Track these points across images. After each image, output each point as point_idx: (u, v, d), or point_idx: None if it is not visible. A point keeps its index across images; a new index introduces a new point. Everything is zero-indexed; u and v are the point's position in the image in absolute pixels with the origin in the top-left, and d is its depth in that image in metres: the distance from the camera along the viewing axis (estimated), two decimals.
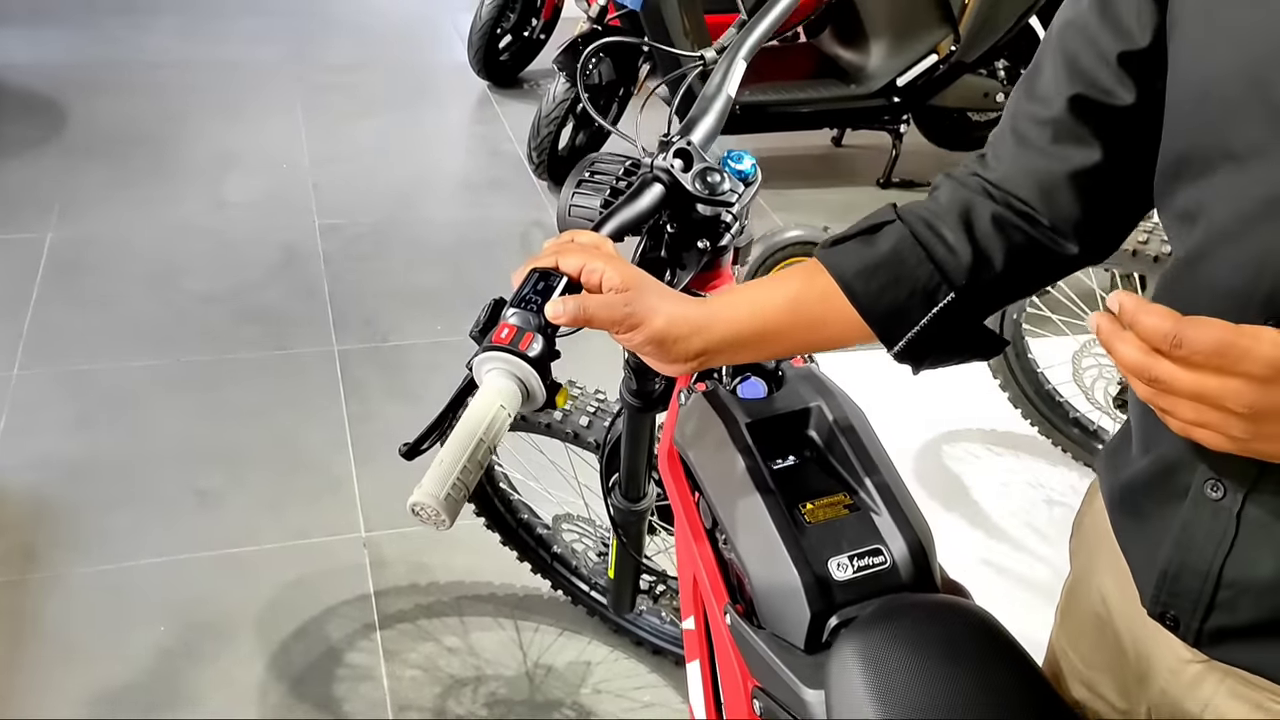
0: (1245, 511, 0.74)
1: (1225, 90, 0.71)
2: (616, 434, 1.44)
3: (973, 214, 0.88)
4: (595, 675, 2.03)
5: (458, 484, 0.82)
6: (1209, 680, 0.81)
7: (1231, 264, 0.71)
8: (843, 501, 1.00)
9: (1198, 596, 0.78)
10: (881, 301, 0.89)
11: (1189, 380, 0.61)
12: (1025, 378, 2.34)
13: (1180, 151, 0.76)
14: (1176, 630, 0.80)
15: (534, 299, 0.90)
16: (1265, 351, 0.59)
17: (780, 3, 1.19)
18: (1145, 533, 0.83)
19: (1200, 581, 0.77)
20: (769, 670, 0.96)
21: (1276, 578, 0.73)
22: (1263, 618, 0.75)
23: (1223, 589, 0.76)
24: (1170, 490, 0.79)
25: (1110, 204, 0.86)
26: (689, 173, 1.07)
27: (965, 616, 0.90)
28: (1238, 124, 0.70)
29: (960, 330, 0.91)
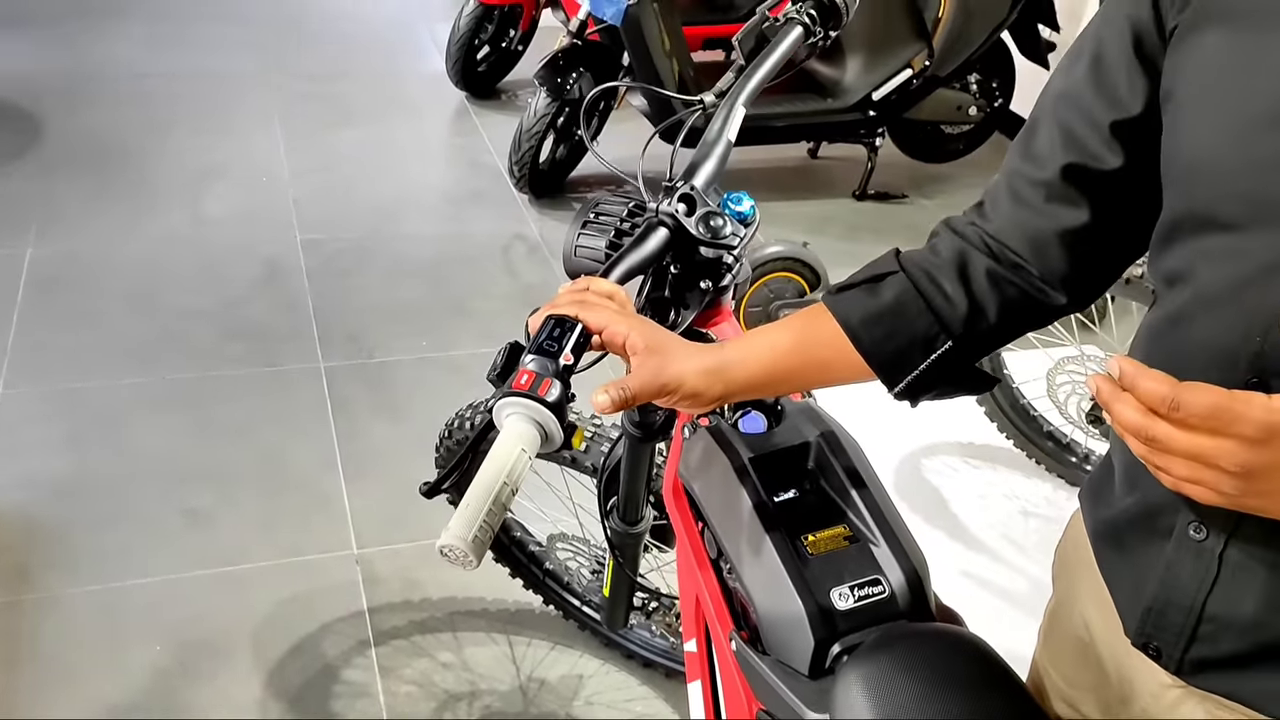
0: (1227, 553, 0.79)
1: (1215, 161, 0.76)
2: (615, 460, 1.49)
3: (970, 267, 0.94)
4: (588, 688, 2.07)
5: (484, 526, 0.85)
6: (1188, 703, 0.86)
7: (1219, 325, 0.76)
8: (842, 533, 1.05)
9: (1180, 630, 0.83)
10: (885, 348, 0.95)
11: (1184, 440, 0.65)
12: (1001, 393, 2.40)
13: (1173, 216, 0.81)
14: (1159, 660, 0.85)
15: (551, 345, 0.94)
16: (1257, 415, 0.64)
17: (777, 50, 1.23)
18: (1130, 568, 0.88)
19: (1184, 617, 0.82)
20: (774, 694, 1.01)
21: (1255, 615, 0.79)
22: (1241, 650, 0.80)
23: (1204, 624, 0.81)
24: (1154, 530, 0.85)
25: (1096, 260, 0.92)
26: (692, 217, 1.12)
27: (961, 644, 0.95)
28: (1226, 194, 0.75)
29: (955, 371, 0.97)
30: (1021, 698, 0.91)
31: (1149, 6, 0.82)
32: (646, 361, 0.94)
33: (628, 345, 0.94)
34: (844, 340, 0.96)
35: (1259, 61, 0.74)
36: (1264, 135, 0.73)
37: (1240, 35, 0.75)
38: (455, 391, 2.76)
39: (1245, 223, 0.74)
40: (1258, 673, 0.80)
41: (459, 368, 2.91)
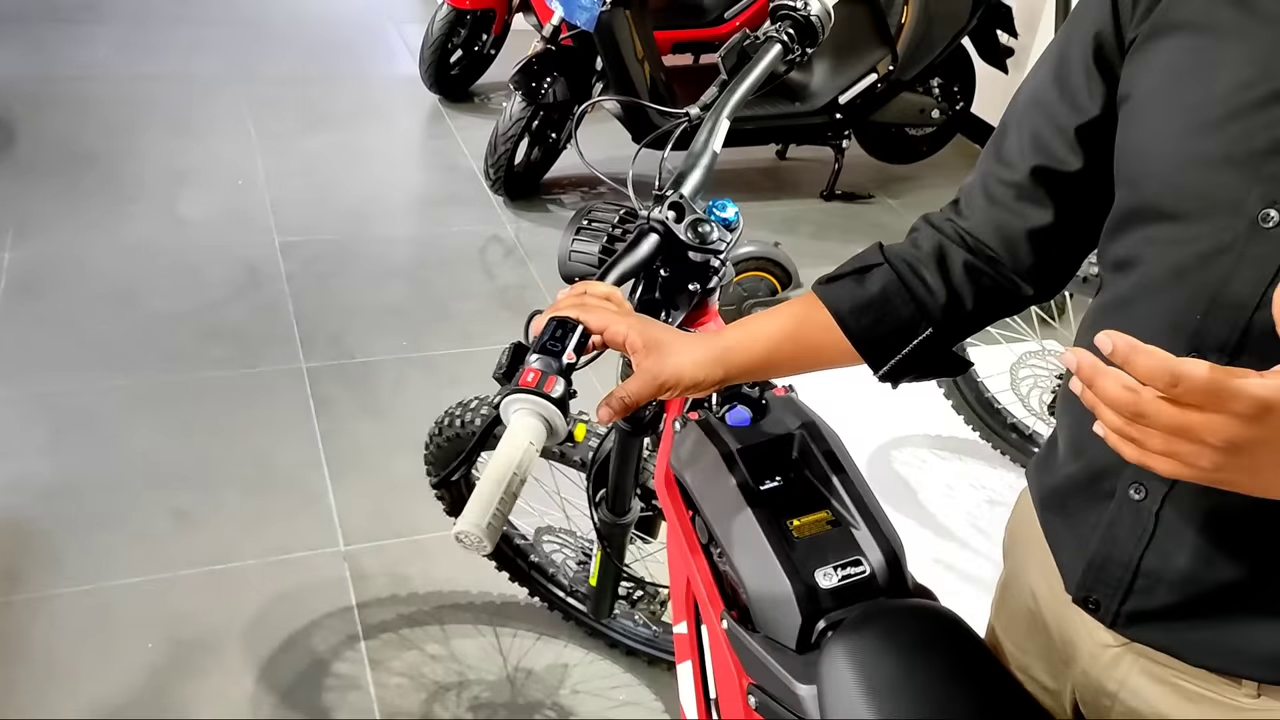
0: (1163, 511, 0.87)
1: (1163, 157, 0.84)
2: (604, 453, 1.55)
3: (948, 260, 1.03)
4: (573, 677, 2.14)
5: (497, 513, 0.92)
6: (1124, 662, 0.95)
7: (1164, 305, 0.84)
8: (825, 518, 1.12)
9: (1118, 584, 0.91)
10: (872, 334, 1.04)
11: (1172, 415, 0.66)
12: (967, 387, 2.50)
13: (1124, 208, 0.90)
14: (1097, 613, 0.94)
15: (554, 345, 1.00)
16: (1253, 391, 0.65)
17: (758, 66, 1.31)
18: (1073, 530, 0.96)
19: (1122, 571, 0.91)
20: (764, 669, 1.08)
21: (1186, 569, 0.87)
22: (1172, 602, 0.88)
23: (1140, 577, 0.89)
24: (1097, 493, 0.93)
25: (1061, 255, 1.01)
26: (681, 223, 1.19)
27: (936, 617, 1.03)
28: (1172, 188, 0.83)
29: (934, 355, 1.07)
30: (991, 665, 0.99)
31: (1110, 19, 0.90)
32: (644, 362, 1.01)
33: (627, 344, 1.01)
34: (835, 327, 1.04)
35: (1206, 69, 0.82)
36: (1206, 136, 0.81)
37: (1191, 44, 0.83)
38: (437, 390, 2.83)
39: (1188, 213, 0.82)
40: (1186, 624, 0.88)
41: (440, 367, 2.97)
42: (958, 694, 0.95)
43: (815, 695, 1.02)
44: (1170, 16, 0.85)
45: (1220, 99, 0.80)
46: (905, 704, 0.94)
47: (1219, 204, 0.80)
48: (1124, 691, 0.95)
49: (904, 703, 0.94)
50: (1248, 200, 0.78)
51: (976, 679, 0.97)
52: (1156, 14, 0.86)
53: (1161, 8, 0.86)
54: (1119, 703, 0.96)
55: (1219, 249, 0.80)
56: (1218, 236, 0.80)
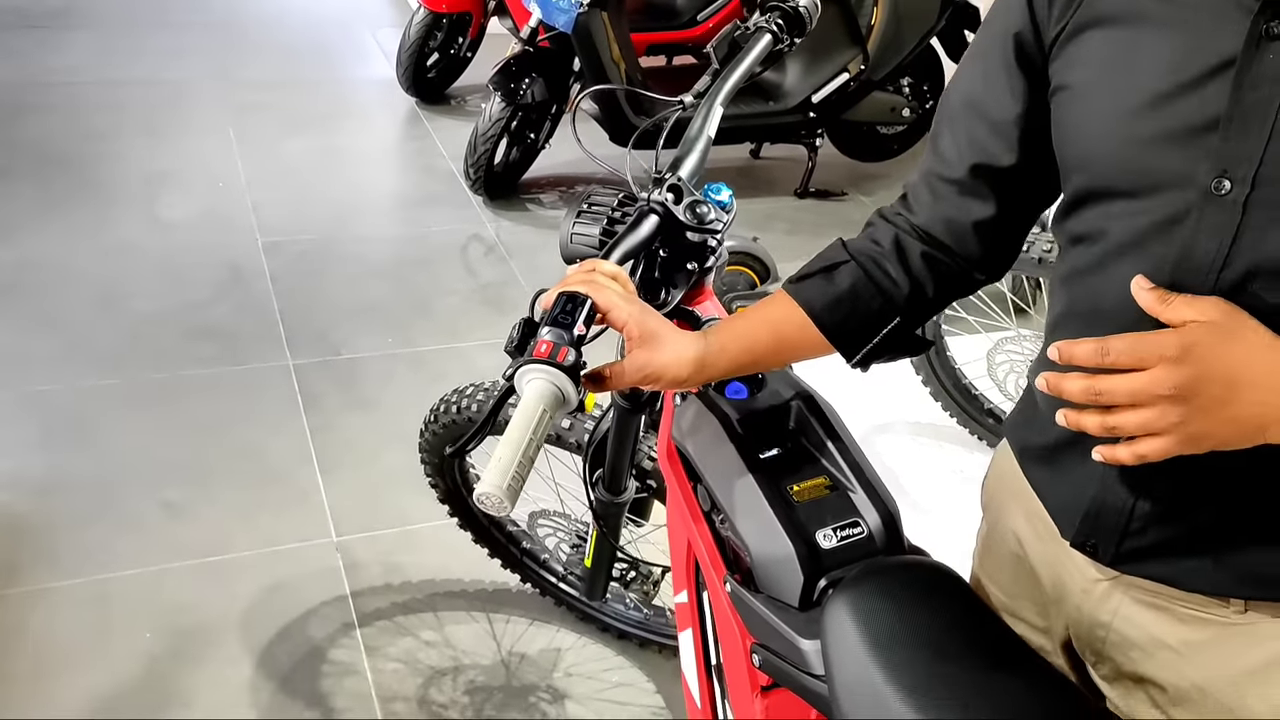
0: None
1: (1105, 143, 0.91)
2: (601, 433, 1.60)
3: (906, 253, 1.11)
4: (566, 660, 2.18)
5: (516, 475, 0.97)
6: (1115, 593, 1.01)
7: (1133, 268, 0.89)
8: (823, 483, 1.18)
9: (1115, 528, 0.98)
10: (845, 328, 1.12)
11: (1124, 382, 0.79)
12: (945, 374, 2.57)
13: (1076, 191, 0.96)
14: (1095, 555, 1.00)
15: (565, 318, 1.05)
16: (1170, 337, 0.79)
17: (749, 55, 1.36)
18: (1065, 482, 1.03)
19: (1118, 516, 0.97)
20: (767, 628, 1.14)
21: (1177, 507, 0.94)
22: (1166, 538, 0.95)
23: (1135, 519, 0.96)
24: (1086, 450, 0.97)
25: (1004, 241, 1.10)
26: (680, 204, 1.24)
27: (932, 571, 1.09)
28: (1120, 169, 0.90)
29: (900, 338, 1.15)
30: (984, 611, 1.05)
31: (1028, 20, 0.98)
32: (636, 351, 1.08)
33: (625, 331, 1.07)
34: (808, 324, 1.11)
35: (1137, 56, 0.89)
36: (1145, 118, 0.88)
37: (1120, 35, 0.90)
38: (423, 385, 2.86)
39: (1141, 189, 0.89)
40: (1180, 556, 0.95)
41: (425, 362, 3.01)
42: (956, 640, 1.00)
43: (819, 649, 1.07)
44: (1096, 10, 0.92)
45: (1154, 83, 0.87)
46: (907, 652, 0.99)
47: (1169, 178, 0.87)
48: (1117, 620, 1.01)
49: (906, 651, 0.99)
50: (1197, 173, 0.85)
51: (972, 625, 1.03)
52: (1081, 10, 0.93)
53: (1086, 4, 0.92)
54: (1113, 632, 1.03)
55: (1175, 219, 0.87)
56: (1173, 207, 0.87)
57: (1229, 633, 0.95)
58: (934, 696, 0.95)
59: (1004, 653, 1.00)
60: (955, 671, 0.98)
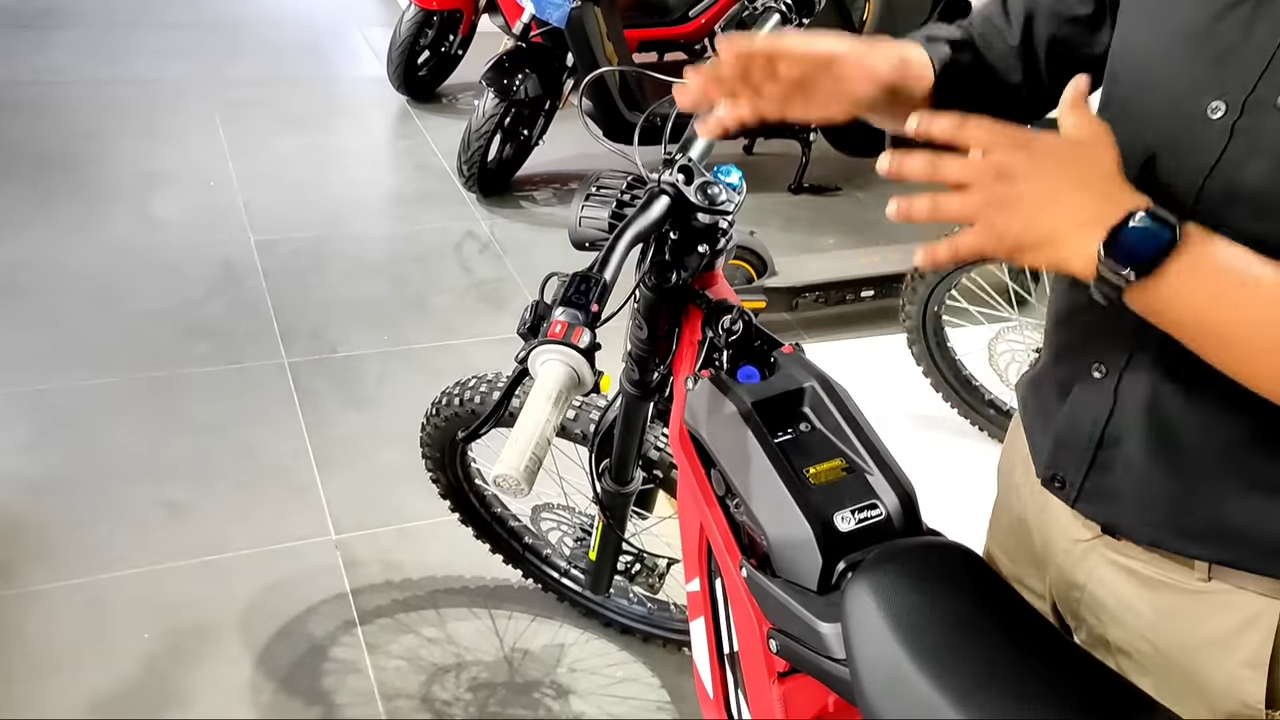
0: (1120, 387, 0.96)
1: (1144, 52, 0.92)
2: (607, 423, 1.59)
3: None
4: (569, 656, 2.16)
5: (533, 456, 0.95)
6: (1093, 554, 1.03)
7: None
8: (840, 465, 1.16)
9: (1081, 458, 0.99)
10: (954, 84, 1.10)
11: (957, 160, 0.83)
12: (945, 364, 2.56)
13: (1108, 93, 0.97)
14: (1062, 490, 1.01)
15: (579, 298, 1.04)
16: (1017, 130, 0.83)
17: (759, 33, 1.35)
18: (1045, 415, 1.05)
19: (1085, 444, 0.98)
20: (785, 612, 1.12)
21: (1141, 445, 0.95)
22: (1129, 480, 0.96)
23: (1101, 450, 0.97)
24: (1066, 380, 1.01)
25: None
26: (691, 186, 1.22)
27: (951, 552, 1.08)
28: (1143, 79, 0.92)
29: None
30: (1008, 592, 1.03)
31: None
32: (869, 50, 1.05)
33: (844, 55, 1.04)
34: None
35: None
36: (1174, 41, 0.89)
37: None
38: (420, 382, 2.84)
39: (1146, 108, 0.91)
40: (1141, 502, 0.96)
41: (421, 359, 2.98)
42: (981, 620, 0.99)
43: (839, 632, 1.05)
44: None
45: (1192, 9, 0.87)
46: (930, 632, 0.98)
47: (1179, 95, 0.88)
48: (1091, 582, 1.03)
49: (929, 631, 0.98)
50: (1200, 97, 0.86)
51: (996, 605, 1.01)
52: None
53: None
54: (1087, 593, 1.04)
55: (1170, 138, 0.89)
56: (1171, 127, 0.88)
57: (1193, 600, 0.96)
58: (961, 676, 0.93)
59: (1030, 632, 0.98)
60: (981, 651, 0.96)
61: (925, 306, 2.46)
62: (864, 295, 3.25)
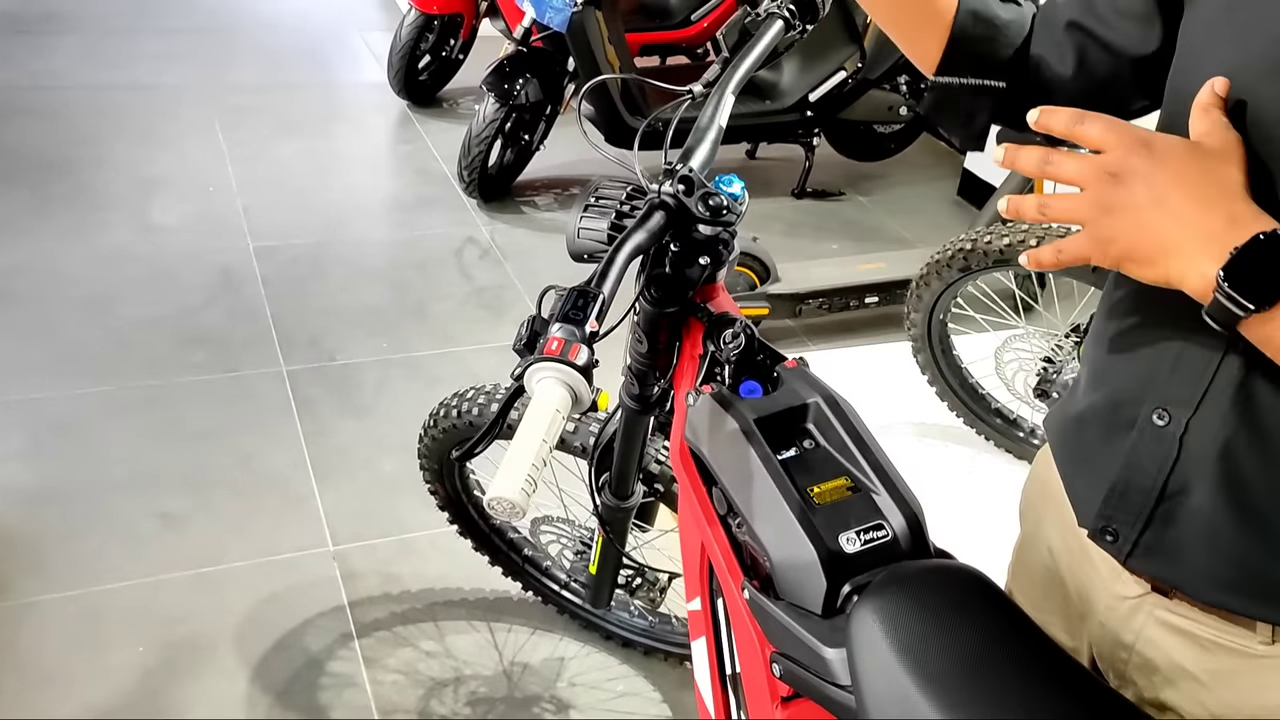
0: (1187, 437, 0.87)
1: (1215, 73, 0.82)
2: (606, 436, 1.55)
3: None
4: (569, 669, 2.13)
5: (529, 479, 0.92)
6: (1141, 612, 0.96)
7: None
8: (845, 484, 1.13)
9: (1139, 511, 0.91)
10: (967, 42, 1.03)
11: (1072, 156, 0.78)
12: (951, 373, 2.52)
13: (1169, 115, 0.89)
14: (1114, 544, 0.94)
15: (576, 314, 1.00)
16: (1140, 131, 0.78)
17: (760, 42, 1.32)
18: (1092, 459, 0.97)
19: (1143, 498, 0.91)
20: (789, 636, 1.09)
21: (1208, 498, 0.87)
22: (1191, 534, 0.88)
23: (1163, 503, 0.89)
24: (1117, 422, 0.93)
25: None
26: (692, 197, 1.19)
27: (961, 575, 1.04)
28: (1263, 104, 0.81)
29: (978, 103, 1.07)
30: (1019, 616, 1.00)
31: None
32: None
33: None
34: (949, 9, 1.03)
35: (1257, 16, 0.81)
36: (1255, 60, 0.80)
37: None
38: (419, 390, 2.82)
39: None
40: (1204, 558, 0.88)
41: (421, 367, 2.96)
42: (993, 647, 0.96)
43: (844, 658, 1.02)
44: None
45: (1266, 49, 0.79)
46: (939, 660, 0.95)
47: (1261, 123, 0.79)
48: (1140, 642, 0.96)
49: (938, 659, 0.95)
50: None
51: (1009, 632, 0.98)
52: None
53: None
54: (1135, 654, 0.97)
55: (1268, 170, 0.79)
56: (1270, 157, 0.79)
57: (1254, 665, 0.89)
58: (972, 708, 0.90)
59: (1045, 661, 0.95)
60: (993, 680, 0.93)
61: (930, 314, 2.42)
62: (868, 302, 3.22)
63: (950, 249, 2.30)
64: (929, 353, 2.50)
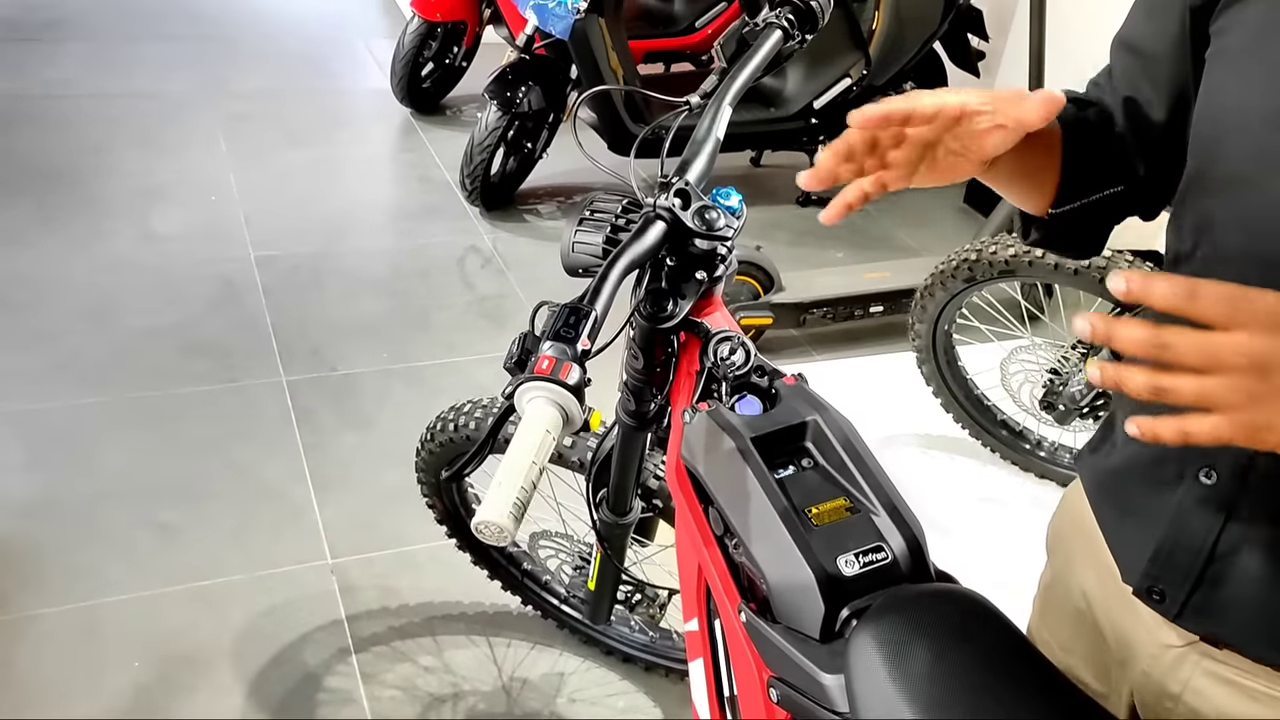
0: (1237, 496, 0.84)
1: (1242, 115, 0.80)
2: (604, 452, 1.53)
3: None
4: (569, 685, 2.11)
5: (517, 503, 0.90)
6: (1187, 662, 0.92)
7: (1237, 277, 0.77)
8: (844, 505, 1.10)
9: (1187, 573, 0.88)
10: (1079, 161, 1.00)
11: (1195, 338, 0.65)
12: (956, 384, 2.50)
13: (1199, 171, 0.86)
14: (1160, 604, 0.90)
15: (568, 332, 0.98)
16: (1270, 302, 0.65)
17: (759, 52, 1.29)
18: (1135, 517, 0.93)
19: (1191, 559, 0.87)
20: (786, 661, 1.06)
21: (1261, 558, 0.84)
22: (1243, 594, 0.85)
23: (1212, 565, 0.86)
24: (1161, 477, 0.89)
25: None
26: (688, 210, 1.17)
27: (963, 600, 1.02)
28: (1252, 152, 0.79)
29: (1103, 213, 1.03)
30: (1022, 644, 0.97)
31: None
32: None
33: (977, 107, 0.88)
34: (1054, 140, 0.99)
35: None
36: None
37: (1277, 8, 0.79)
38: (420, 401, 2.80)
39: (1266, 182, 0.78)
40: (1257, 618, 0.85)
41: (422, 378, 2.94)
42: (993, 676, 0.93)
43: (842, 685, 1.00)
44: None
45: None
46: (939, 688, 0.92)
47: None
48: (1187, 693, 0.93)
49: (938, 687, 0.92)
50: None
51: (1012, 660, 0.95)
52: None
53: None
54: (1182, 704, 0.94)
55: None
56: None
57: None
58: None
59: (1047, 689, 0.93)
60: (995, 708, 0.90)
61: (935, 324, 2.40)
62: (873, 311, 3.19)
63: (955, 259, 2.28)
64: (934, 363, 2.47)
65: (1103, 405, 2.23)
